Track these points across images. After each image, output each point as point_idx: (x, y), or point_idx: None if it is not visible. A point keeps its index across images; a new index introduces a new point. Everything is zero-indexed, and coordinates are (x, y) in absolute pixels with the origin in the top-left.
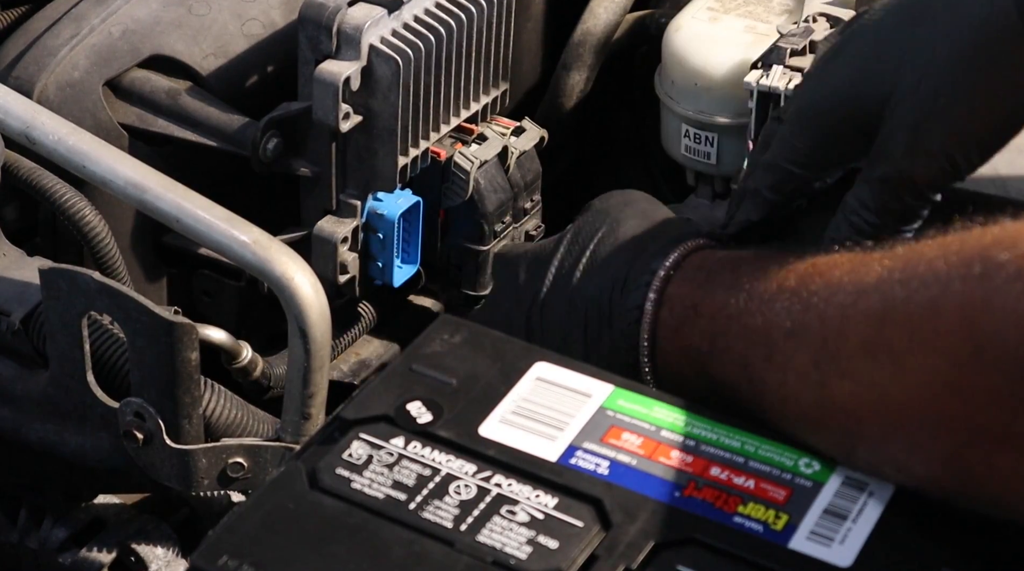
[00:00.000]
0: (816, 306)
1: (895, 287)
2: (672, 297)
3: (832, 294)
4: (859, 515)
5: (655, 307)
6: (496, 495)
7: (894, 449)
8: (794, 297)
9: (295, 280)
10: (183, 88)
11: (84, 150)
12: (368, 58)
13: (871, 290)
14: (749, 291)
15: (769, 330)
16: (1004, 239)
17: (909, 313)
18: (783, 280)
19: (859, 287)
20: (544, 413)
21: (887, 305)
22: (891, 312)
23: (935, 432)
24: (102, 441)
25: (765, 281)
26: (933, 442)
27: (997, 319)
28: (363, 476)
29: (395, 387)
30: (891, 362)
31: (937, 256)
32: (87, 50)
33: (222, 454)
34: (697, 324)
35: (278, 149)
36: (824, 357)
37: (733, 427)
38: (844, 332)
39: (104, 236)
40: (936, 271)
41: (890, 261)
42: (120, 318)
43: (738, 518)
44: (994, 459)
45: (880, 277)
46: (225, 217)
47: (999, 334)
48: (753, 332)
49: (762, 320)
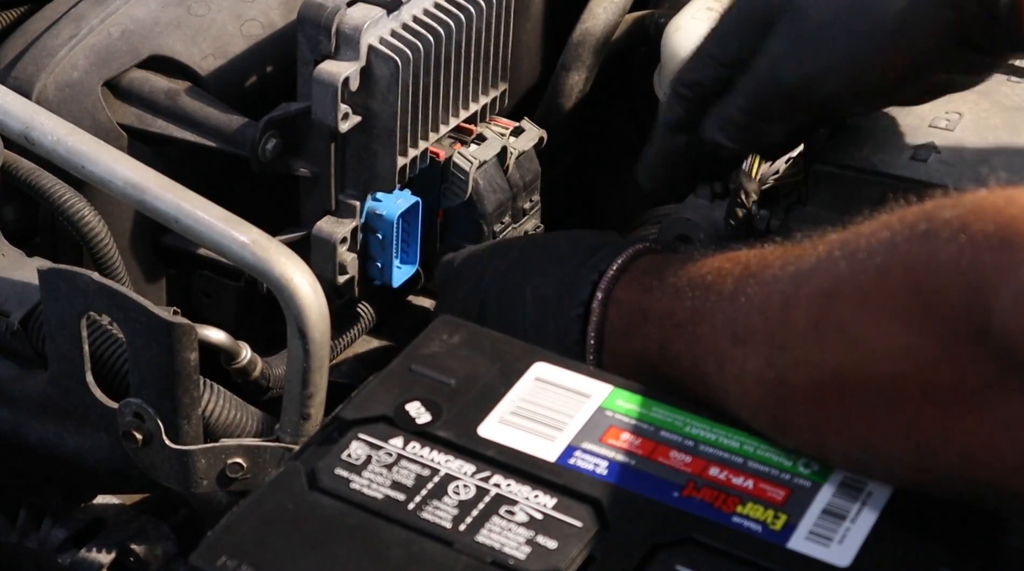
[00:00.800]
0: (757, 307)
1: (839, 263)
2: (620, 300)
3: (770, 291)
4: (858, 515)
5: (602, 307)
6: (495, 495)
7: (858, 428)
8: (733, 303)
9: (294, 280)
10: (182, 88)
11: (83, 150)
12: (367, 58)
13: (811, 272)
14: (692, 300)
15: (716, 340)
16: (946, 201)
17: (858, 283)
18: (721, 286)
19: (798, 274)
20: (543, 413)
21: (832, 282)
22: (837, 288)
23: (892, 401)
24: (101, 441)
25: (705, 290)
26: (891, 413)
27: (942, 275)
28: (362, 476)
29: (394, 387)
30: (841, 337)
31: (879, 227)
32: (86, 50)
33: (221, 454)
34: (647, 330)
35: (277, 149)
36: (774, 352)
37: (732, 427)
38: (788, 320)
39: (103, 236)
40: (880, 239)
41: (825, 246)
42: (119, 318)
43: (737, 518)
44: (949, 422)
45: (819, 260)
46: (224, 217)
47: (944, 290)
48: (702, 341)
49: (708, 329)
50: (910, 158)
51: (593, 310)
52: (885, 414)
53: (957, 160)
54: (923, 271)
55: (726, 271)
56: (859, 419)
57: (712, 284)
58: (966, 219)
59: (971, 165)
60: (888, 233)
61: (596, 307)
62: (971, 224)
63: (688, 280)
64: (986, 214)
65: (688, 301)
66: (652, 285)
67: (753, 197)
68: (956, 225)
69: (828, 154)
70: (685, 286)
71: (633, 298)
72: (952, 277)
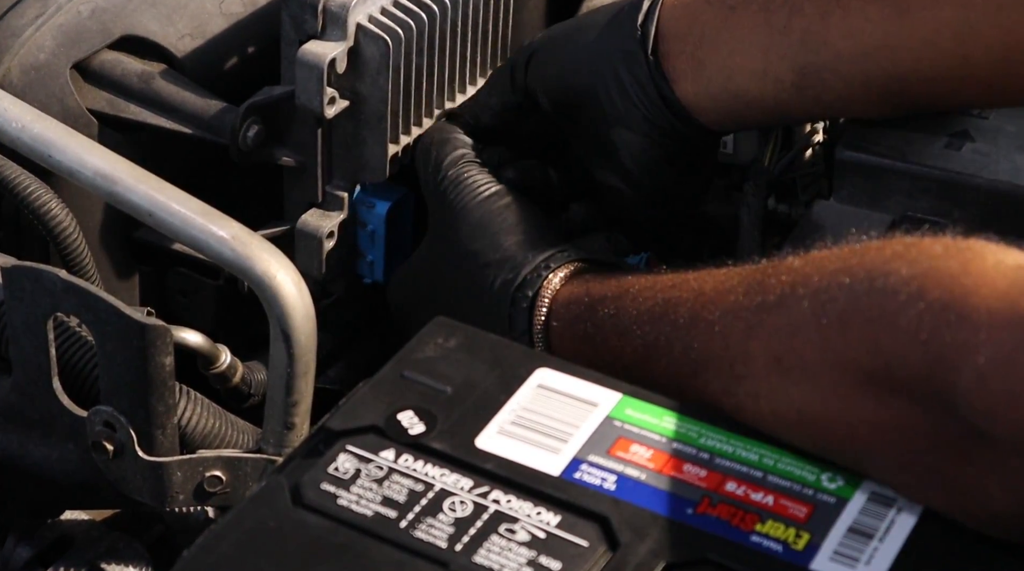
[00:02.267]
0: (719, 333)
1: (802, 302)
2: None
3: (733, 319)
4: (886, 533)
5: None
6: (494, 512)
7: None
8: (691, 330)
9: (277, 278)
10: (157, 71)
11: (50, 138)
12: (355, 38)
13: (774, 307)
14: (643, 336)
15: (673, 372)
16: (904, 254)
17: (820, 327)
18: (675, 316)
19: (762, 306)
20: (546, 423)
21: (795, 321)
22: (800, 328)
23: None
24: (69, 453)
25: (654, 323)
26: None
27: (901, 341)
28: (350, 492)
29: (385, 395)
30: (805, 378)
31: (839, 269)
32: (54, 30)
33: (198, 467)
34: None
35: (259, 137)
36: (733, 381)
37: (750, 438)
38: (750, 352)
39: (71, 231)
40: (840, 285)
41: (788, 276)
42: (88, 320)
43: (756, 537)
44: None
45: (783, 293)
46: (202, 211)
47: (905, 356)
48: (659, 376)
49: (664, 362)
50: (943, 147)
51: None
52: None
53: (992, 149)
54: (883, 332)
55: (677, 300)
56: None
57: (662, 315)
58: (923, 284)
59: (1008, 154)
60: (848, 279)
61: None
62: (928, 291)
63: (632, 317)
64: (942, 281)
65: (637, 339)
66: (588, 333)
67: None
68: (913, 289)
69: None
70: (630, 324)
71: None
72: (912, 346)
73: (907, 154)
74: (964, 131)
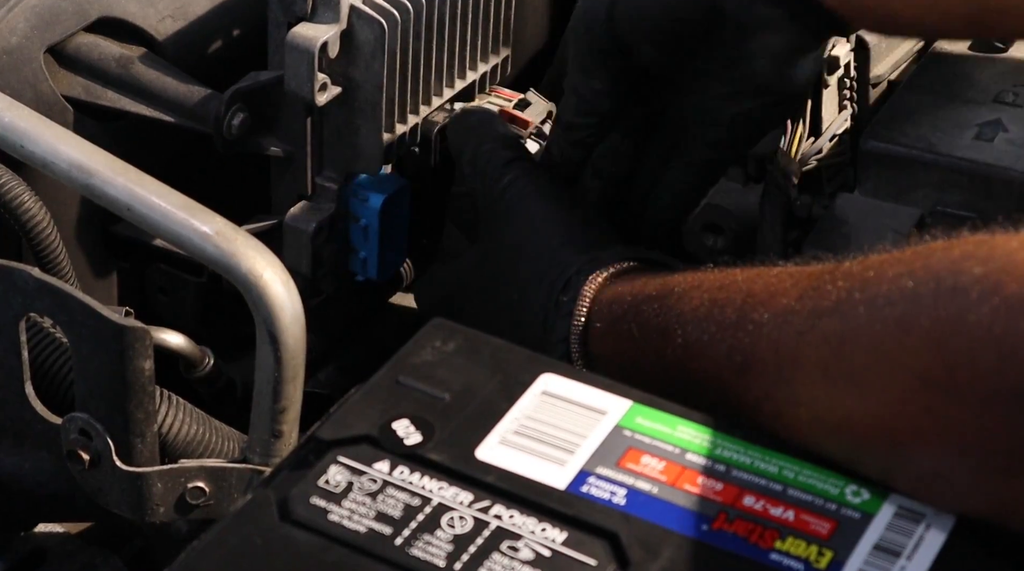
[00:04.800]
0: (767, 336)
1: (858, 308)
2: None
3: (784, 323)
4: (915, 551)
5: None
6: (496, 528)
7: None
8: (739, 330)
9: (264, 277)
10: (136, 55)
11: (22, 127)
12: (348, 20)
13: (830, 313)
14: (684, 336)
15: (716, 376)
16: (975, 253)
17: (873, 333)
18: (721, 317)
19: (816, 311)
20: (551, 433)
21: (848, 326)
22: (853, 333)
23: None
24: (42, 462)
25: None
26: (906, 464)
27: (971, 338)
28: (342, 506)
29: (379, 402)
30: (851, 385)
31: (901, 273)
32: (26, 12)
33: (180, 477)
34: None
35: (245, 125)
36: (779, 385)
37: (769, 449)
38: (798, 359)
39: (45, 226)
40: (903, 288)
41: (845, 282)
42: (63, 321)
43: (775, 555)
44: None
45: (839, 299)
46: (183, 204)
47: (972, 355)
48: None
49: (708, 361)
50: (974, 138)
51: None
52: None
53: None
54: (949, 331)
55: (725, 300)
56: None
57: (708, 315)
58: (999, 279)
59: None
60: (911, 283)
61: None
62: (1004, 285)
63: (676, 315)
64: (1021, 274)
65: (679, 338)
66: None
67: (793, 180)
68: (988, 285)
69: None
70: (674, 323)
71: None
72: (984, 341)
73: (936, 145)
74: (996, 120)
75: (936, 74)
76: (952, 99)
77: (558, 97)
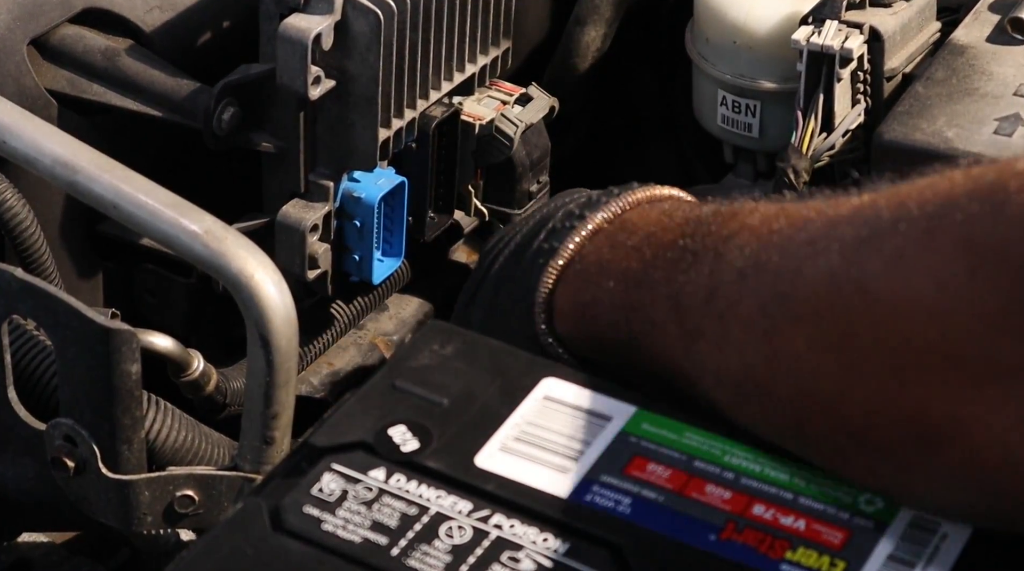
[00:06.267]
0: (777, 245)
1: (881, 212)
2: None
3: (797, 230)
4: (930, 562)
5: None
6: (496, 539)
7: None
8: (752, 235)
9: (255, 277)
10: (122, 47)
11: (4, 122)
12: (343, 11)
13: (848, 218)
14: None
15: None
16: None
17: (896, 233)
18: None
19: (835, 219)
20: (553, 440)
21: (867, 230)
22: (872, 237)
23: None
24: (26, 469)
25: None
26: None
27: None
28: (336, 516)
29: (375, 408)
30: (859, 293)
31: (938, 178)
32: (8, 3)
33: (168, 486)
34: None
35: (235, 120)
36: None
37: (780, 457)
38: (801, 268)
39: (29, 225)
40: (938, 189)
41: (871, 196)
42: (47, 323)
43: (786, 566)
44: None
45: (860, 206)
46: (171, 202)
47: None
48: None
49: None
50: (992, 132)
51: None
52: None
53: None
54: (985, 224)
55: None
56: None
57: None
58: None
59: None
60: (947, 184)
61: None
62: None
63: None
64: None
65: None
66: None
67: (804, 177)
68: None
69: (894, 127)
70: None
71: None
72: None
73: (953, 140)
74: (1016, 115)
75: (953, 67)
76: (970, 93)
77: (561, 91)
